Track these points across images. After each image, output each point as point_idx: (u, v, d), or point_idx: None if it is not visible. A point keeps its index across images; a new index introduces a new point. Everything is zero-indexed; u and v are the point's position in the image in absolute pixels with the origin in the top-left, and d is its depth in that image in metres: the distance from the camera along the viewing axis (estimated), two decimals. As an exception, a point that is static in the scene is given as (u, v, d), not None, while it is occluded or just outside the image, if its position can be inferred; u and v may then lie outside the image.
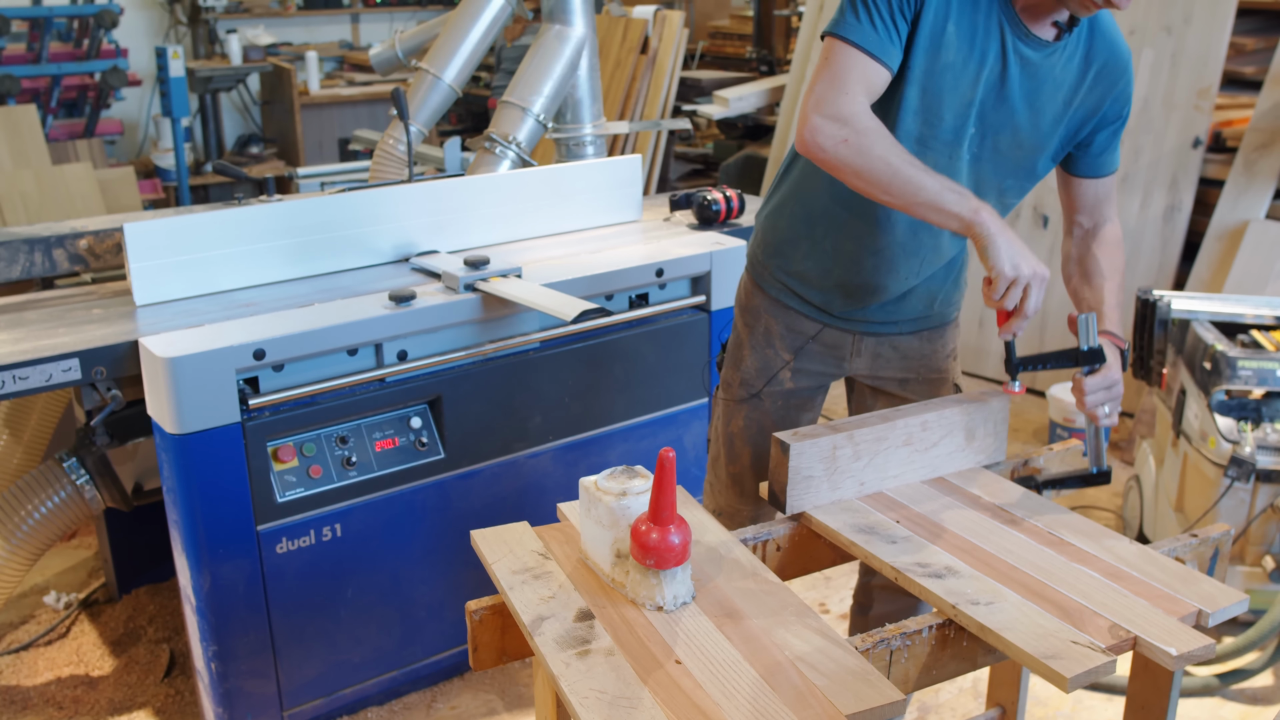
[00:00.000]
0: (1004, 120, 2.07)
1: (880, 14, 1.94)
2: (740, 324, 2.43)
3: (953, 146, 2.07)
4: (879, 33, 1.94)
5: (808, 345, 2.34)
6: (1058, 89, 2.07)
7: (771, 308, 2.35)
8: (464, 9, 3.84)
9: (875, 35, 1.94)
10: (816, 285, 2.28)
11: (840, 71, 1.94)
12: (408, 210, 3.02)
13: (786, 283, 2.31)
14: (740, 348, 2.42)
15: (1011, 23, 2.00)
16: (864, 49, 1.94)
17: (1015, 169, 2.15)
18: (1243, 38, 5.01)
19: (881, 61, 1.95)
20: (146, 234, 2.67)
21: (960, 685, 3.05)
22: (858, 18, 1.95)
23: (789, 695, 1.48)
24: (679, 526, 1.63)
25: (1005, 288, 1.90)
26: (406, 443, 2.74)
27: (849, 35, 1.94)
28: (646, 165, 6.16)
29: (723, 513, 2.49)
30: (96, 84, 6.90)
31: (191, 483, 2.46)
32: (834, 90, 1.93)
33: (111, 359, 2.49)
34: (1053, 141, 2.13)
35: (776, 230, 2.32)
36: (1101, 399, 2.04)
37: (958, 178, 2.09)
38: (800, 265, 2.28)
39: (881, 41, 1.94)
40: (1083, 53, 2.07)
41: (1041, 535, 1.92)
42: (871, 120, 1.92)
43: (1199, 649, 1.62)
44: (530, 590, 1.72)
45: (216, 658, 2.60)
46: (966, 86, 2.02)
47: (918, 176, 1.90)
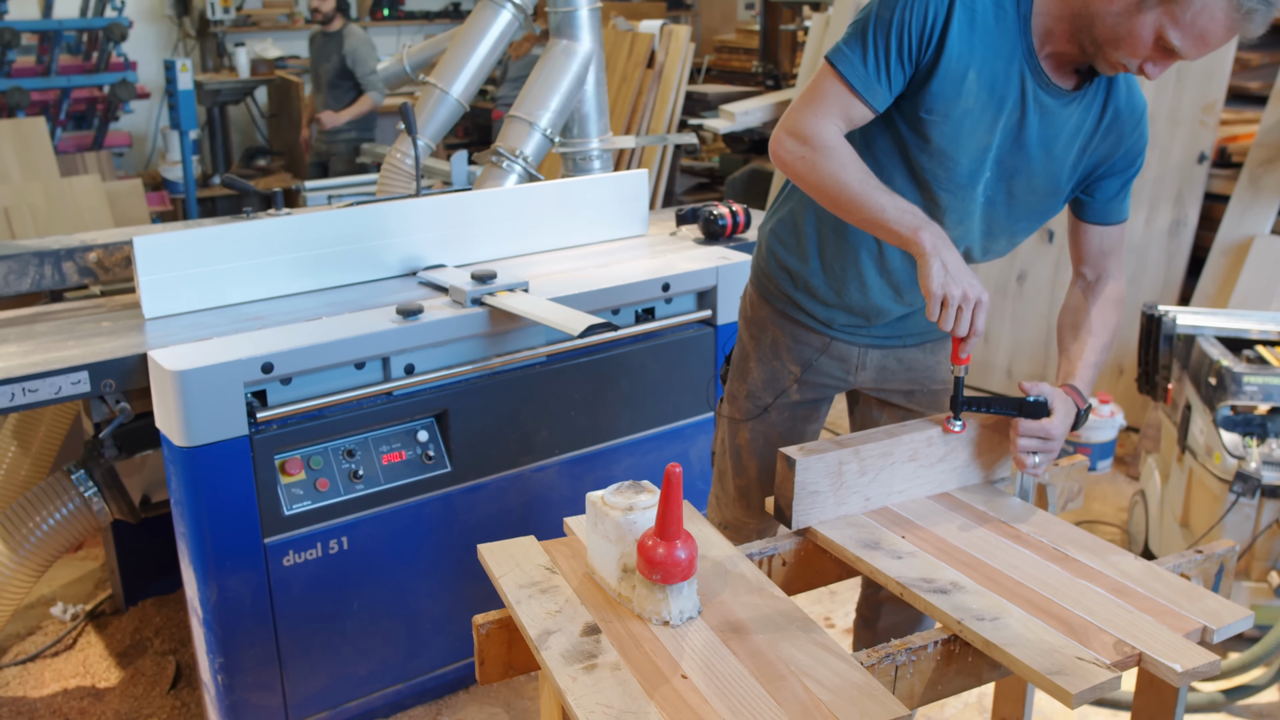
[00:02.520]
0: (1020, 165, 2.08)
1: (879, 55, 1.97)
2: (745, 336, 2.44)
3: (967, 189, 2.08)
4: (869, 72, 1.97)
5: (817, 359, 2.35)
6: (1075, 136, 2.07)
7: (778, 320, 2.36)
8: (471, 24, 3.86)
9: (865, 74, 1.97)
10: (821, 301, 2.29)
11: (820, 96, 2.00)
12: (415, 224, 3.03)
13: (793, 297, 2.32)
14: (746, 360, 2.42)
15: (1034, 71, 2.00)
16: (850, 84, 1.98)
17: (1029, 212, 2.16)
18: (1248, 53, 5.03)
19: (865, 100, 1.98)
20: (156, 247, 2.69)
21: (966, 700, 3.05)
22: (854, 51, 1.98)
23: (794, 710, 1.48)
24: (685, 541, 1.64)
25: (938, 308, 1.90)
26: (413, 456, 2.75)
27: (839, 66, 1.99)
28: (653, 179, 6.18)
29: (728, 526, 2.50)
30: (105, 97, 6.94)
31: (199, 495, 2.47)
32: (808, 110, 2.00)
33: (120, 372, 2.50)
34: (1067, 187, 2.14)
35: (784, 244, 2.32)
36: (1032, 446, 2.02)
37: (970, 219, 2.11)
38: (808, 282, 2.29)
39: (869, 81, 1.98)
40: (1101, 100, 2.07)
41: (1047, 551, 1.92)
42: (833, 139, 1.97)
43: (1204, 665, 1.62)
44: (537, 604, 1.73)
45: (223, 670, 2.61)
46: (984, 132, 2.02)
47: (867, 193, 1.94)
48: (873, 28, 1.97)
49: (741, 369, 2.43)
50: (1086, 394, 2.13)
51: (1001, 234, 2.17)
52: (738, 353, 2.47)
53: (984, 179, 2.08)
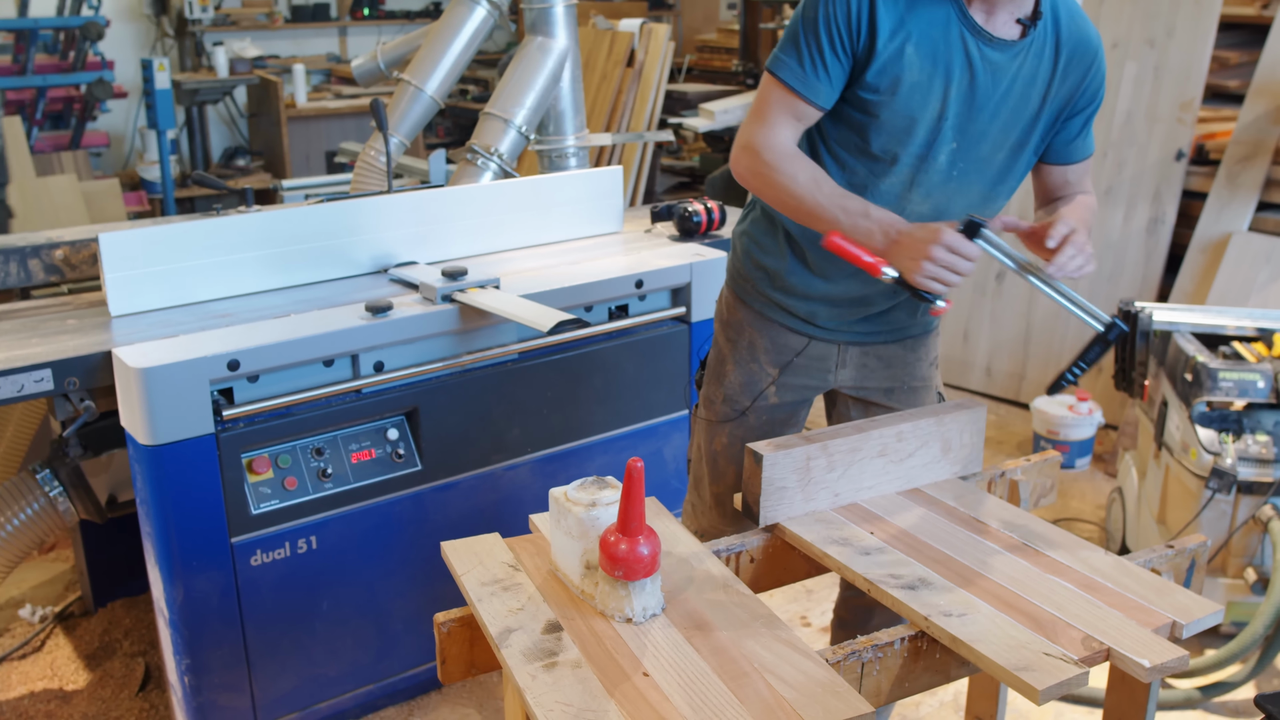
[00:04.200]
0: (982, 128, 2.07)
1: (813, 53, 2.01)
2: (722, 339, 2.41)
3: (929, 162, 2.08)
4: (806, 72, 2.01)
5: (794, 360, 2.32)
6: (1031, 85, 2.07)
7: (756, 321, 2.33)
8: (445, 21, 3.83)
9: (803, 74, 2.02)
10: (801, 297, 2.27)
11: (766, 106, 2.06)
12: (386, 221, 3.00)
13: (771, 296, 2.30)
14: (723, 363, 2.39)
15: (973, 30, 2.00)
16: (791, 88, 2.02)
17: (1002, 173, 2.16)
18: (1226, 51, 5.03)
19: (809, 100, 2.03)
20: (121, 244, 2.66)
21: (941, 699, 3.04)
22: (790, 56, 2.03)
23: (757, 707, 1.46)
24: (648, 537, 1.62)
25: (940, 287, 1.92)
26: (383, 454, 2.72)
27: (778, 73, 2.04)
28: (632, 178, 6.16)
29: (705, 534, 2.47)
30: (82, 96, 6.89)
31: (164, 494, 2.44)
32: (757, 124, 2.06)
33: (84, 370, 2.47)
34: (1034, 137, 2.14)
35: (759, 245, 2.30)
36: (1069, 254, 1.95)
37: (939, 191, 2.10)
38: (785, 280, 2.27)
39: (809, 80, 2.02)
40: (1052, 44, 2.07)
41: (1016, 546, 1.91)
42: (782, 150, 2.04)
43: (1172, 660, 1.61)
44: (499, 602, 1.71)
45: (190, 671, 2.58)
46: (935, 101, 2.02)
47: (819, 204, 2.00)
48: (803, 29, 2.02)
49: (718, 372, 2.41)
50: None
51: (978, 201, 2.16)
52: (713, 356, 2.44)
53: (947, 149, 2.08)
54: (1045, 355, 4.96)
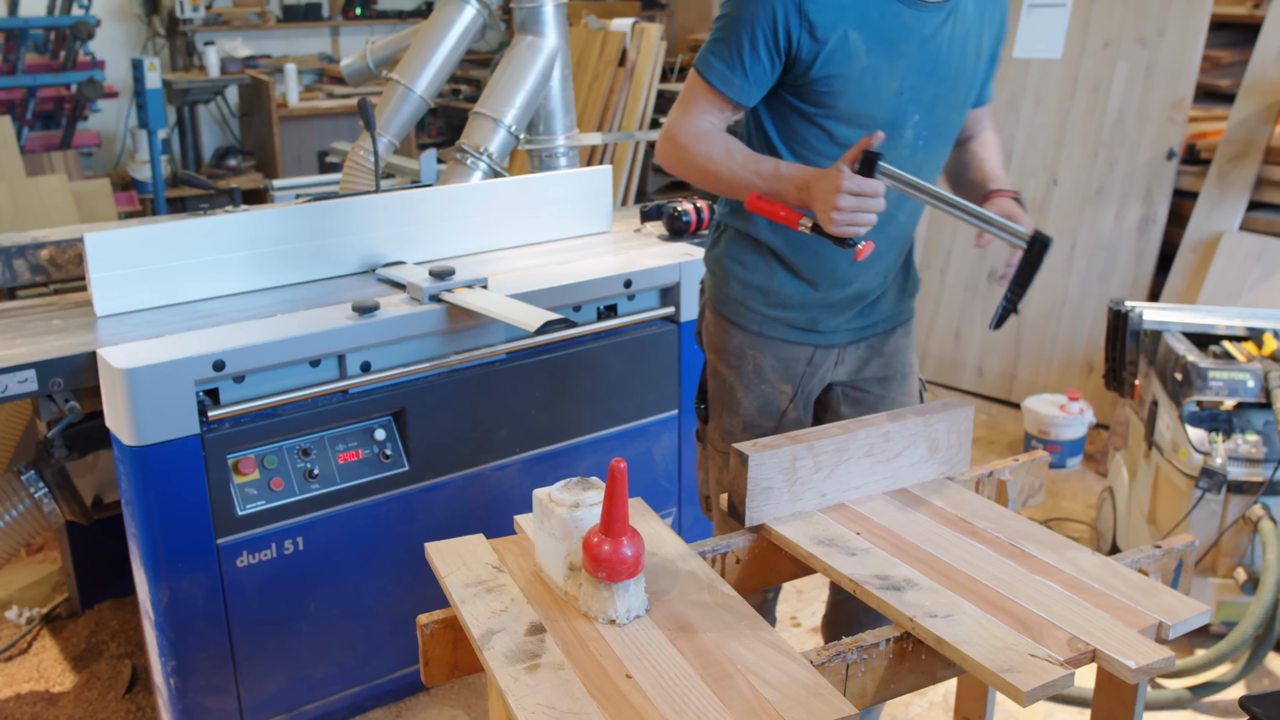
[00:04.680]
0: (939, 94, 2.13)
1: (738, 55, 2.04)
2: (721, 367, 2.35)
3: (897, 139, 2.11)
4: (733, 73, 2.06)
5: (804, 370, 2.31)
6: (967, 39, 2.13)
7: (756, 343, 2.29)
8: (434, 20, 3.82)
9: (728, 74, 2.05)
10: (799, 307, 2.25)
11: (690, 99, 2.12)
12: (374, 221, 2.99)
13: (768, 313, 2.27)
14: (731, 392, 2.33)
15: (905, 1, 2.03)
16: (714, 87, 2.07)
17: (951, 131, 2.23)
18: (1218, 51, 5.03)
19: (731, 100, 2.08)
20: (107, 244, 2.64)
21: (931, 699, 3.03)
22: (716, 56, 2.06)
23: (739, 710, 1.45)
24: (631, 538, 1.61)
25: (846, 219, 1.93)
26: (370, 455, 2.71)
27: (704, 73, 2.08)
28: (625, 177, 6.15)
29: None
30: (73, 96, 6.87)
31: (150, 495, 2.43)
32: (680, 115, 2.12)
33: (69, 370, 2.46)
34: (975, 89, 2.22)
35: (743, 264, 2.27)
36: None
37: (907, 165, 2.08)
38: (780, 293, 2.25)
39: (731, 81, 2.06)
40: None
41: (1003, 547, 1.90)
42: (697, 130, 2.09)
43: (1158, 661, 1.60)
44: (482, 603, 1.70)
45: (175, 673, 2.56)
46: (887, 79, 2.06)
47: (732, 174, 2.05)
48: (728, 30, 2.04)
49: (727, 402, 2.34)
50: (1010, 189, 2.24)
51: (936, 166, 2.23)
52: (715, 386, 2.38)
53: (911, 123, 2.12)
54: (1037, 355, 4.96)
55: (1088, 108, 4.88)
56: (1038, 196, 4.99)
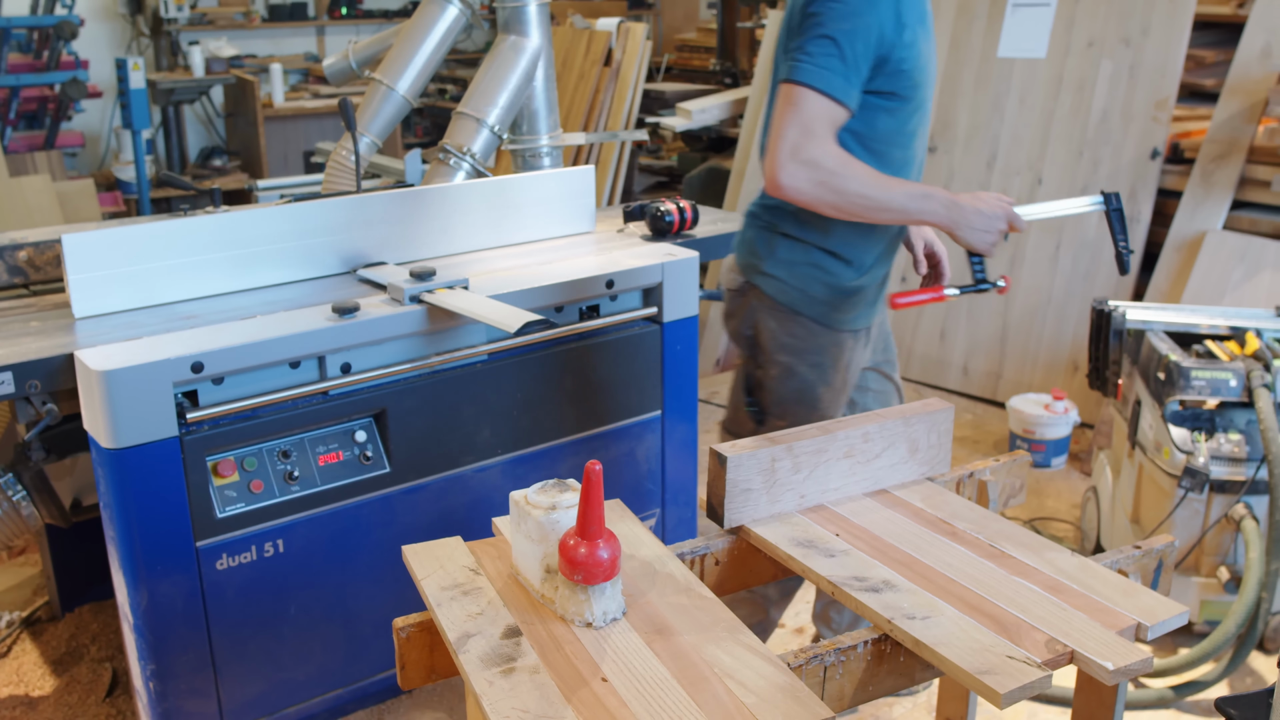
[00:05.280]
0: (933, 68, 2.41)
1: (846, 60, 2.15)
2: (800, 367, 2.44)
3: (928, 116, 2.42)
4: (844, 78, 2.16)
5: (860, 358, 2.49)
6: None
7: (840, 339, 2.43)
8: (417, 19, 3.81)
9: (842, 82, 2.15)
10: (859, 295, 2.43)
11: (810, 119, 2.15)
12: (354, 221, 2.98)
13: (846, 309, 2.41)
14: (810, 390, 2.44)
15: None
16: (830, 95, 2.15)
17: None
18: (1202, 50, 5.04)
19: (844, 105, 2.18)
20: (85, 245, 2.63)
21: (915, 699, 3.02)
22: (827, 69, 2.15)
23: (715, 713, 1.44)
24: (608, 541, 1.60)
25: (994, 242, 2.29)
26: (351, 457, 2.70)
27: (814, 83, 2.15)
28: (610, 178, 6.14)
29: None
30: (56, 96, 6.84)
31: (128, 498, 2.41)
32: (805, 137, 2.15)
33: (46, 372, 2.44)
34: None
35: (822, 268, 2.40)
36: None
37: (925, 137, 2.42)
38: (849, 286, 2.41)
39: (846, 86, 2.17)
40: None
41: (982, 548, 1.90)
42: (839, 156, 2.17)
43: (1136, 663, 1.60)
44: (458, 607, 1.69)
45: (155, 677, 2.55)
46: (931, 66, 2.33)
47: (889, 195, 2.19)
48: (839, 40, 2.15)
49: (805, 400, 2.45)
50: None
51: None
52: (790, 387, 2.46)
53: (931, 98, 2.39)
54: (1022, 354, 4.96)
55: (1072, 107, 4.88)
56: (1023, 196, 5.00)
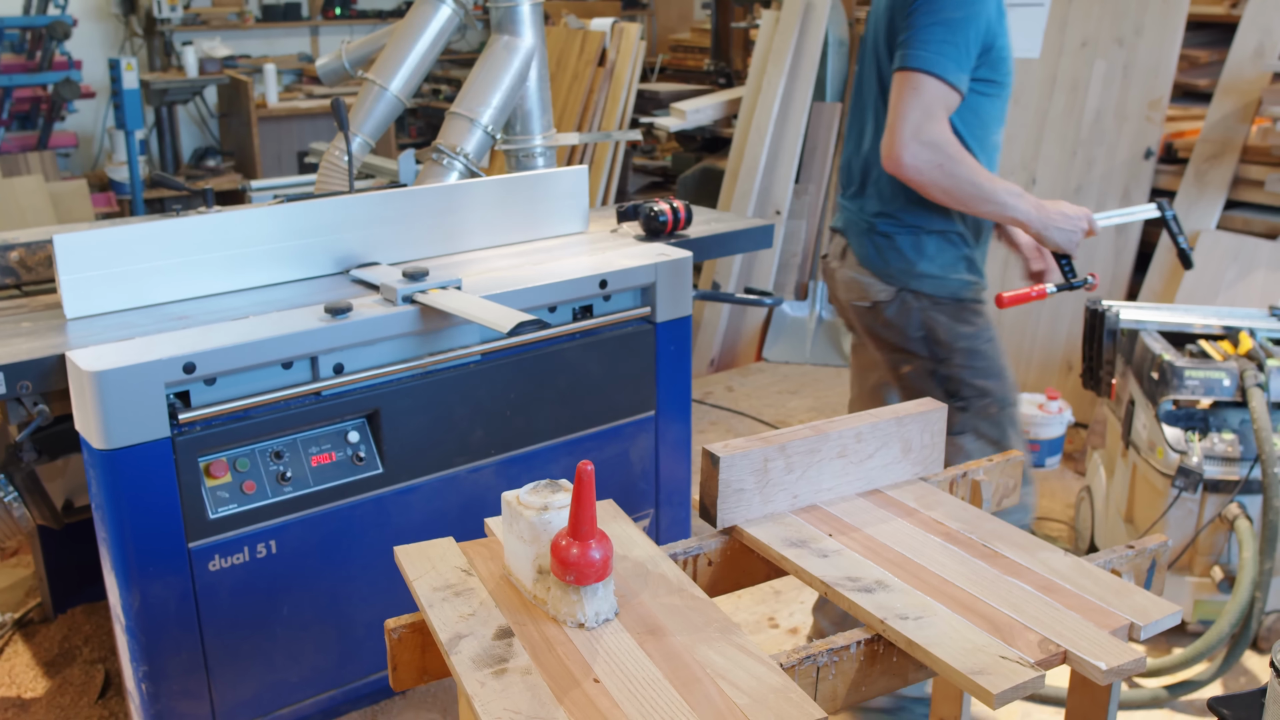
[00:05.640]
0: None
1: (966, 52, 2.34)
2: (982, 346, 2.63)
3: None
4: (957, 64, 2.33)
5: None
6: None
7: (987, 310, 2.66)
8: (410, 19, 3.80)
9: (955, 67, 2.32)
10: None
11: (931, 103, 2.32)
12: (347, 222, 2.97)
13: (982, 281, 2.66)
14: (996, 360, 2.65)
15: None
16: (946, 80, 2.32)
17: None
18: (1196, 50, 5.04)
19: (958, 89, 2.35)
20: (77, 246, 2.62)
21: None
22: (946, 56, 2.32)
23: (707, 714, 1.44)
24: (600, 541, 1.60)
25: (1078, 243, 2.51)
26: (344, 457, 2.69)
27: (932, 68, 2.32)
28: (604, 178, 6.13)
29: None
30: (49, 96, 6.83)
31: (120, 499, 2.41)
32: (927, 119, 2.31)
33: (37, 373, 2.43)
34: None
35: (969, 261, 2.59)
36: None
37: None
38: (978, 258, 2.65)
39: (959, 71, 2.34)
40: None
41: (975, 548, 1.89)
42: (958, 146, 2.34)
43: (1129, 662, 1.60)
44: (450, 608, 1.68)
45: (147, 678, 2.54)
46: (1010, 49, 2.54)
47: (994, 188, 2.36)
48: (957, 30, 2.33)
49: (994, 371, 2.65)
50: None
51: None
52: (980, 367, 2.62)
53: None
54: (1016, 354, 4.96)
55: (1066, 107, 4.88)
56: (1016, 196, 4.99)
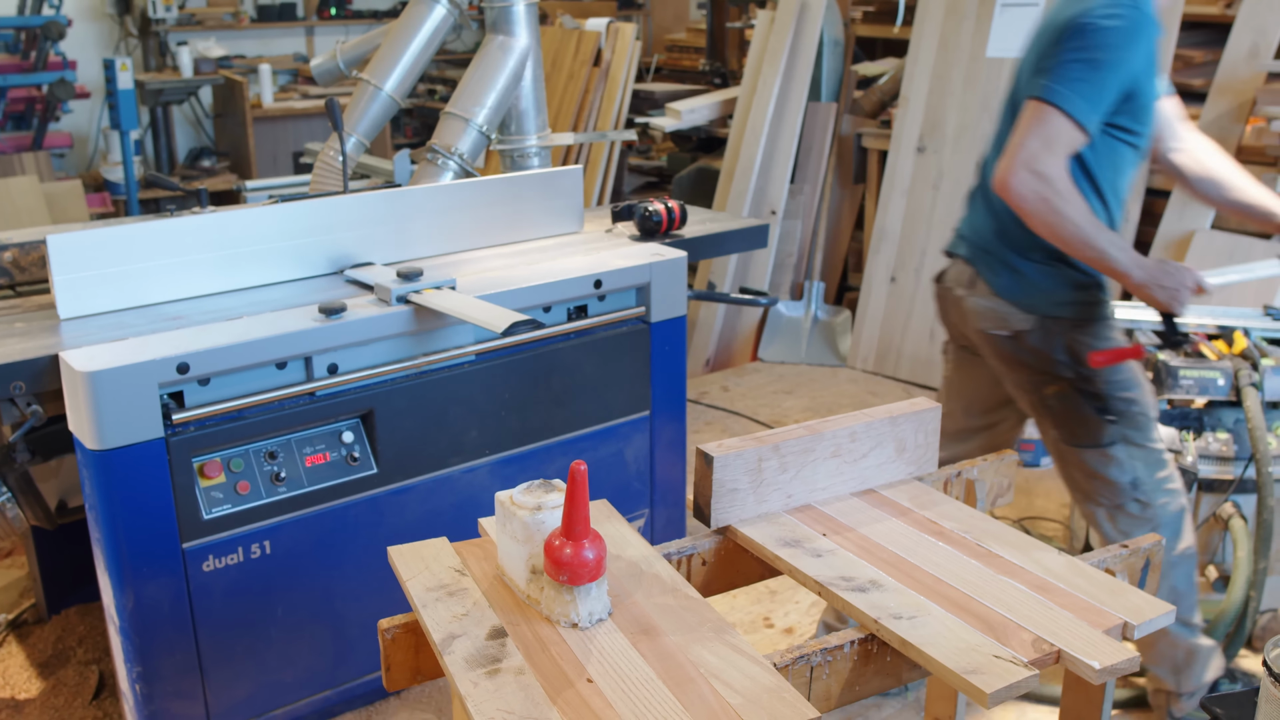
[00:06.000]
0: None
1: (1097, 88, 2.31)
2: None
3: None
4: (1091, 105, 2.30)
5: None
6: None
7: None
8: (404, 19, 3.80)
9: (1088, 108, 2.30)
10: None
11: (1053, 137, 2.30)
12: (342, 221, 2.97)
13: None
14: (1135, 374, 2.61)
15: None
16: (1075, 120, 2.29)
17: None
18: (1190, 50, 5.04)
19: (1086, 130, 2.32)
20: (70, 246, 2.61)
21: (903, 699, 3.02)
22: (1081, 96, 2.29)
23: (700, 713, 1.44)
24: (593, 541, 1.60)
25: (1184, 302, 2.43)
26: (338, 458, 2.69)
27: (1064, 105, 2.29)
28: (599, 178, 6.13)
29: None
30: (44, 96, 6.82)
31: (114, 500, 2.40)
32: (1047, 153, 2.29)
33: (31, 373, 2.43)
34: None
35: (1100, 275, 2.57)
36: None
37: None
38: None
39: (1091, 113, 2.31)
40: None
41: (969, 547, 1.89)
42: (1067, 181, 2.31)
43: (1123, 661, 1.60)
44: (443, 608, 1.68)
45: (141, 679, 2.54)
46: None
47: (1094, 235, 2.31)
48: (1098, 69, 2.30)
49: (1139, 383, 2.61)
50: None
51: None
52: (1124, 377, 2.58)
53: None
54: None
55: (1061, 107, 4.88)
56: (1011, 196, 4.99)
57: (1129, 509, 2.61)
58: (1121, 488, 2.60)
